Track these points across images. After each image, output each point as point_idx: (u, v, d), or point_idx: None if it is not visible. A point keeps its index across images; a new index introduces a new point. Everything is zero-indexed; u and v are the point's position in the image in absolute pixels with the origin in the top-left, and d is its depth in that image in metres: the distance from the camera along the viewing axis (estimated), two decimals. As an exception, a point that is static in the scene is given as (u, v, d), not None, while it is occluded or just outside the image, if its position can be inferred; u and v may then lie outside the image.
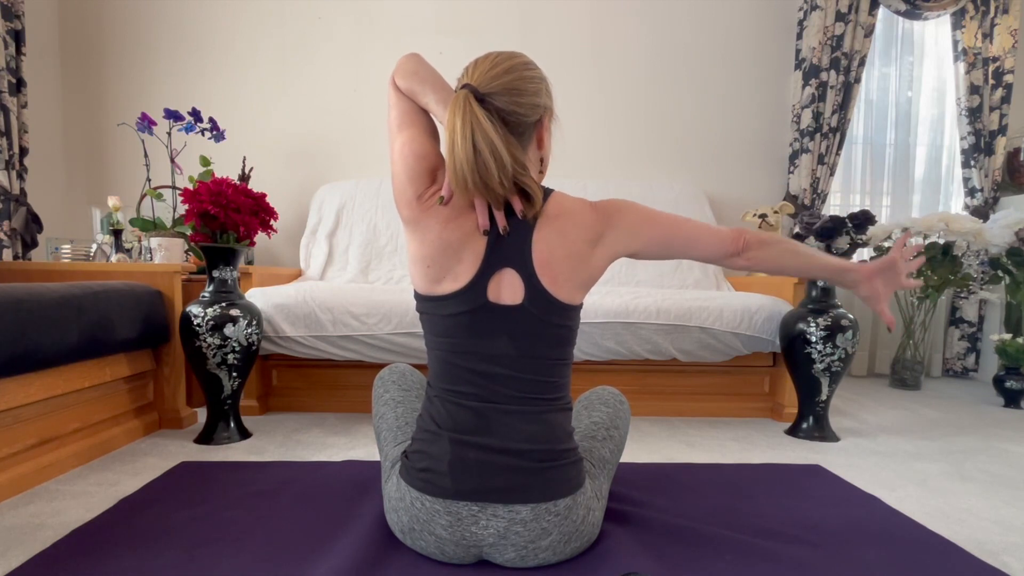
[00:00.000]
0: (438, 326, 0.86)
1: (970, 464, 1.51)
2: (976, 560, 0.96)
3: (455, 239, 0.83)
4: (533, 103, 0.83)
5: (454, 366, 0.86)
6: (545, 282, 0.83)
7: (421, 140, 0.87)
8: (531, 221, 0.84)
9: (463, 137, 0.74)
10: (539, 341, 0.85)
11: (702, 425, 1.85)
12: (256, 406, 1.83)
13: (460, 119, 0.75)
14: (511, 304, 0.83)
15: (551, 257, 0.83)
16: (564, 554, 0.88)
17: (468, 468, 0.83)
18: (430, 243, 0.83)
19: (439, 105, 0.85)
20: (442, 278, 0.84)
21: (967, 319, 2.86)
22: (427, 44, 2.64)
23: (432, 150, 0.87)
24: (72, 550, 0.92)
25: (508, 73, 0.80)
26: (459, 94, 0.77)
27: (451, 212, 0.83)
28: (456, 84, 0.83)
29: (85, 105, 2.58)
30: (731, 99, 2.78)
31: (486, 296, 0.83)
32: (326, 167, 2.68)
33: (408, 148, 0.86)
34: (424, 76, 0.86)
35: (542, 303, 0.84)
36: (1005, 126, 2.76)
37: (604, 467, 0.99)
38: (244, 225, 1.52)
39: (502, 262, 0.83)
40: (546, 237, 0.84)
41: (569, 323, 0.87)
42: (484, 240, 0.83)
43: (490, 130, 0.75)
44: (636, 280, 2.38)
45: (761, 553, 0.95)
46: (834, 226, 1.73)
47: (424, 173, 0.85)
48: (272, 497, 1.15)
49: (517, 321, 0.84)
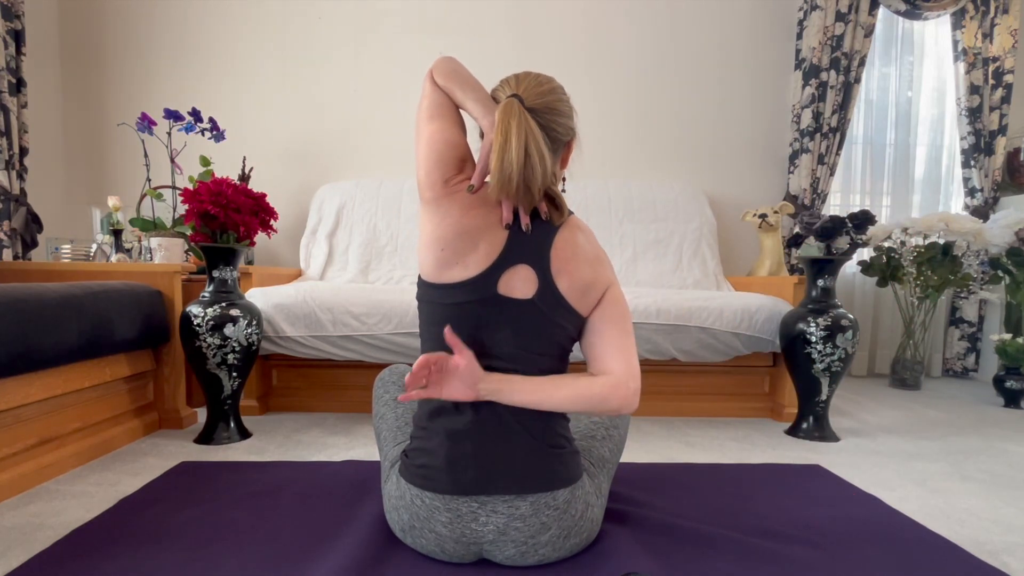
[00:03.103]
0: (439, 315, 0.87)
1: (970, 464, 1.51)
2: (976, 560, 0.96)
3: (474, 227, 0.84)
4: (568, 125, 0.89)
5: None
6: (559, 282, 0.85)
7: (453, 131, 0.90)
8: (554, 224, 0.87)
9: (517, 139, 0.78)
10: (541, 338, 0.86)
11: (702, 425, 1.85)
12: (256, 406, 1.83)
13: (515, 122, 0.79)
14: (521, 298, 0.84)
15: (568, 259, 0.85)
16: (563, 550, 0.88)
17: (465, 462, 0.84)
18: (448, 226, 0.84)
19: (477, 104, 0.87)
20: (454, 264, 0.84)
21: (967, 319, 2.86)
22: (427, 44, 2.64)
23: (462, 141, 0.90)
24: (72, 550, 0.92)
25: (551, 93, 0.86)
26: (511, 101, 0.81)
27: (474, 201, 0.85)
28: (492, 93, 0.90)
29: (85, 105, 2.58)
30: (731, 99, 2.78)
31: (496, 288, 0.84)
32: (326, 167, 2.68)
33: (440, 135, 0.88)
34: (465, 77, 0.90)
35: (552, 301, 0.85)
36: (1005, 126, 2.76)
37: (603, 466, 0.99)
38: (244, 225, 1.52)
39: (519, 258, 0.85)
40: (567, 240, 0.86)
41: (571, 328, 0.88)
42: (504, 234, 0.85)
43: (540, 138, 0.81)
44: (636, 280, 2.38)
45: (761, 553, 0.95)
46: (834, 226, 1.73)
47: (453, 160, 0.88)
48: (272, 497, 1.15)
49: (523, 316, 0.84)
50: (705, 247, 2.47)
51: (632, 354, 0.87)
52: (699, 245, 2.47)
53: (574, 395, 0.83)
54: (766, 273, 2.41)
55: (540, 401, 0.83)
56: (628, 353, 0.86)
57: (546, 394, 0.83)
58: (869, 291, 2.91)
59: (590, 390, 0.83)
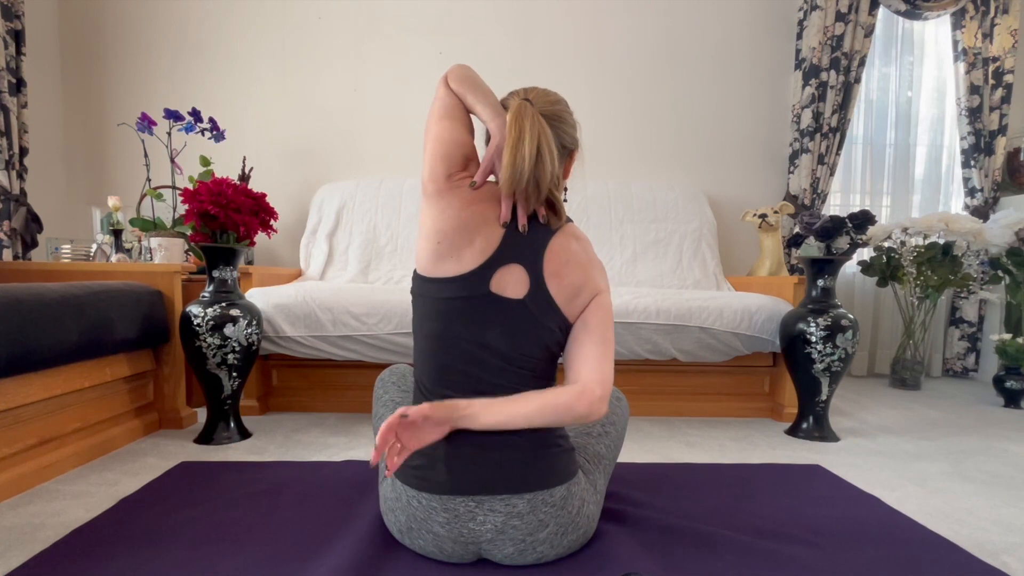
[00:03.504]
0: (431, 309, 0.87)
1: (970, 464, 1.51)
2: (976, 560, 0.96)
3: (472, 222, 0.85)
4: (573, 136, 0.93)
5: (444, 353, 0.86)
6: (550, 284, 0.85)
7: (461, 130, 0.92)
8: (552, 228, 0.88)
9: (531, 138, 0.81)
10: (531, 339, 0.86)
11: (702, 425, 1.85)
12: (256, 406, 1.83)
13: (529, 122, 0.82)
14: (512, 297, 0.85)
15: (560, 263, 0.86)
16: (561, 547, 0.89)
17: (464, 460, 0.84)
18: (448, 218, 0.85)
19: (487, 108, 0.89)
20: (448, 257, 0.85)
21: (967, 319, 2.86)
22: (427, 44, 2.64)
23: (469, 141, 0.92)
24: (72, 550, 0.92)
25: (558, 104, 0.91)
26: (523, 103, 0.84)
27: (475, 197, 0.87)
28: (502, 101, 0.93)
29: (85, 105, 2.58)
30: (731, 99, 2.78)
31: (488, 286, 0.84)
32: (326, 167, 2.68)
33: (448, 134, 0.90)
34: (478, 83, 0.92)
35: (542, 303, 0.85)
36: (1005, 126, 2.76)
37: (600, 463, 0.99)
38: (244, 225, 1.52)
39: (513, 257, 0.85)
40: (561, 245, 0.88)
41: (559, 332, 0.88)
42: (500, 232, 0.86)
43: (551, 139, 0.84)
44: (636, 280, 2.38)
45: (761, 553, 0.95)
46: (834, 226, 1.73)
47: (459, 158, 0.90)
48: (272, 497, 1.15)
49: (514, 315, 0.85)
50: (705, 247, 2.47)
51: (606, 361, 0.86)
52: (699, 245, 2.47)
53: (541, 406, 0.82)
54: (766, 273, 2.41)
55: (510, 416, 0.82)
56: (601, 360, 0.86)
57: (515, 408, 0.82)
58: (869, 291, 2.91)
59: (556, 400, 0.83)
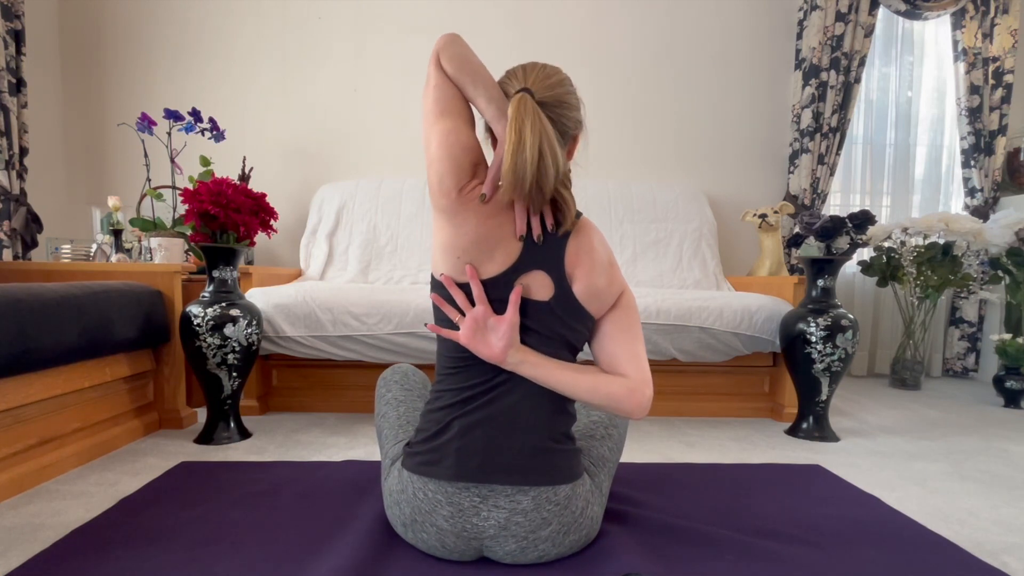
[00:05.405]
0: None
1: (970, 464, 1.51)
2: (976, 560, 0.96)
3: (491, 236, 0.84)
4: (576, 118, 0.88)
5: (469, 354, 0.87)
6: (574, 286, 0.86)
7: (466, 132, 0.87)
8: (564, 230, 0.86)
9: (532, 141, 0.77)
10: (555, 339, 0.87)
11: (702, 425, 1.85)
12: (256, 406, 1.83)
13: (529, 123, 0.78)
14: (538, 300, 0.85)
15: (582, 265, 0.86)
16: (563, 546, 0.89)
17: (474, 449, 0.84)
18: (465, 235, 0.84)
19: (491, 105, 0.85)
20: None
21: (967, 319, 2.86)
22: (427, 44, 2.64)
23: (475, 144, 0.88)
24: (72, 550, 0.92)
25: (559, 86, 0.85)
26: (523, 97, 0.79)
27: (489, 210, 0.85)
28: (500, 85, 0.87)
29: (85, 105, 2.58)
30: (731, 99, 2.78)
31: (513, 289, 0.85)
32: (326, 167, 2.68)
33: (454, 138, 0.85)
34: (475, 67, 0.86)
35: (568, 305, 0.86)
36: (1005, 126, 2.76)
37: (604, 465, 1.00)
38: (244, 225, 1.52)
39: (534, 264, 0.85)
40: (580, 245, 0.87)
41: (585, 330, 0.89)
42: (519, 244, 0.85)
43: (553, 137, 0.79)
44: (636, 280, 2.38)
45: (761, 553, 0.95)
46: (834, 226, 1.73)
47: (468, 166, 0.86)
48: (272, 497, 1.15)
49: (539, 317, 0.86)
50: (705, 247, 2.47)
51: (645, 361, 0.88)
52: (699, 245, 2.47)
53: (593, 386, 0.83)
54: (766, 273, 2.41)
55: (560, 381, 0.83)
56: (641, 360, 0.87)
57: (569, 376, 0.84)
58: (869, 291, 2.91)
59: (609, 387, 0.84)
